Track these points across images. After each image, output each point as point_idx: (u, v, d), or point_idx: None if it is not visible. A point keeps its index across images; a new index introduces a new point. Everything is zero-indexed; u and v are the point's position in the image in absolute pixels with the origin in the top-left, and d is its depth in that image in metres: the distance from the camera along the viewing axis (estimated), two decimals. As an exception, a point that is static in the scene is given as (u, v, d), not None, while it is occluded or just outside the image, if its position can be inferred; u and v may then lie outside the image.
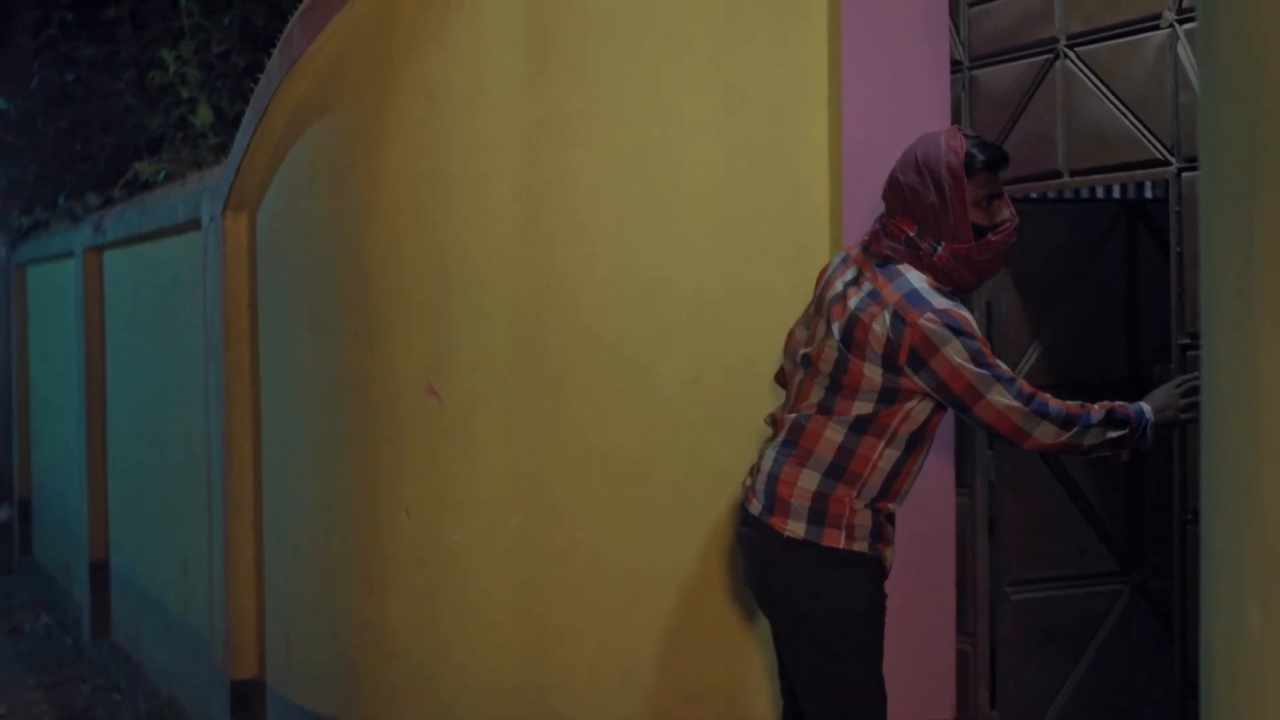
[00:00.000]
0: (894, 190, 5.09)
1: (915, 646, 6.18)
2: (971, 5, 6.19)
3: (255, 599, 7.70)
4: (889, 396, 4.92)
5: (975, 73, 6.18)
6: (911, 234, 4.99)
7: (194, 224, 8.42)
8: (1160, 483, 6.22)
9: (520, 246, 5.99)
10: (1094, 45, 5.69)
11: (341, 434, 6.56)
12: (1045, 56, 5.88)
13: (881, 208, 5.21)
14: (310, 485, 6.91)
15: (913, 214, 4.99)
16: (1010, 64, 6.04)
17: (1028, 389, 4.88)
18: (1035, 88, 5.92)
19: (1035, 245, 6.27)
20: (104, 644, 10.99)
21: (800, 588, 5.06)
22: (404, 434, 6.19)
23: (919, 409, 4.98)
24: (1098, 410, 4.90)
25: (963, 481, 6.23)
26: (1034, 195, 6.25)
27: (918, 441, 5.04)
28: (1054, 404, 4.88)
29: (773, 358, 5.98)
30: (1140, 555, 6.51)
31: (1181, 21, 5.34)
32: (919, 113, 6.13)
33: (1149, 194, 7.67)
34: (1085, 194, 7.19)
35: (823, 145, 6.08)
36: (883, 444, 4.98)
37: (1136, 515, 6.51)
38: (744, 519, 5.23)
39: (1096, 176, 5.77)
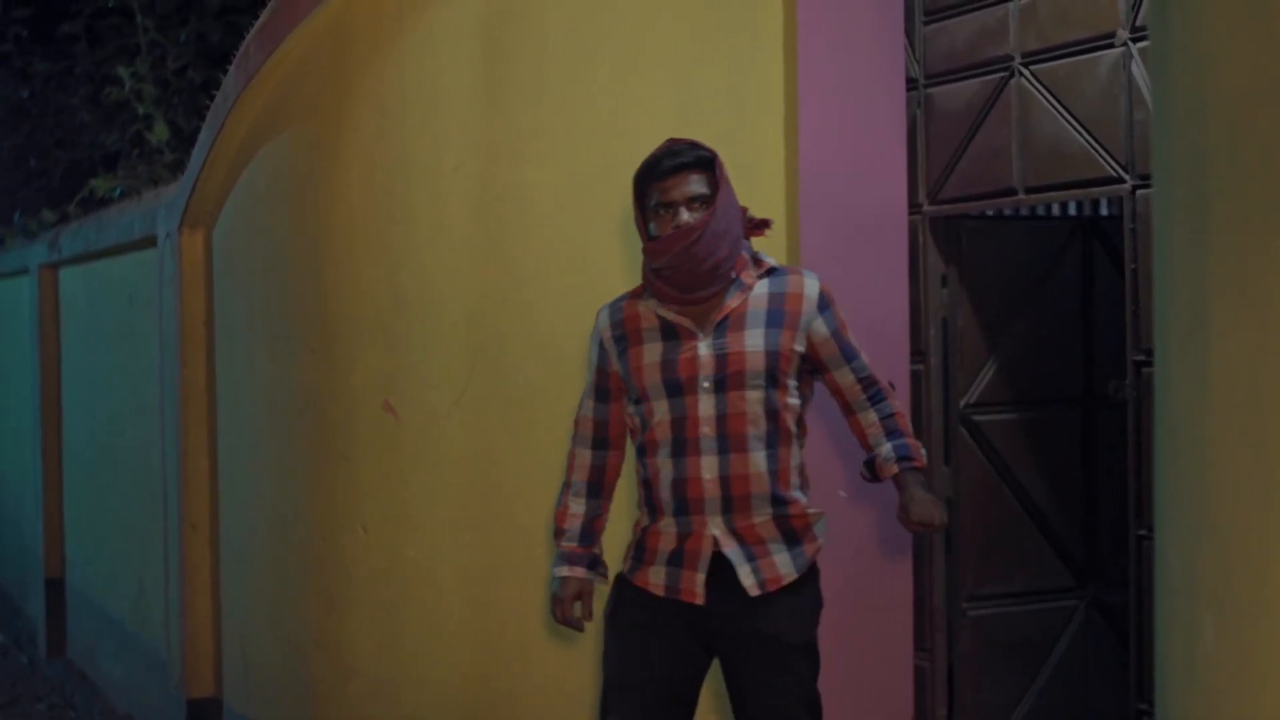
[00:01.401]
0: None
1: (873, 662, 6.19)
2: (927, 23, 6.21)
3: (212, 617, 7.68)
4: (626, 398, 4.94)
5: (931, 90, 6.20)
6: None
7: (150, 241, 8.40)
8: (1115, 497, 6.25)
9: (477, 262, 5.98)
10: (1049, 63, 5.71)
11: (298, 451, 6.55)
12: (1000, 74, 5.90)
13: (834, 222, 5.22)
14: (267, 502, 6.90)
15: None
16: (965, 81, 6.05)
17: (576, 444, 4.99)
18: (990, 105, 5.94)
19: (991, 262, 6.29)
20: (59, 662, 10.93)
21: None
22: (360, 450, 6.18)
23: (631, 409, 4.90)
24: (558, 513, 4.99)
25: (919, 497, 6.24)
26: (989, 212, 6.27)
27: (647, 446, 4.84)
28: (570, 471, 5.00)
29: (730, 374, 5.99)
30: (1096, 570, 6.53)
31: (1135, 40, 5.37)
32: (874, 130, 6.14)
33: (1104, 211, 7.70)
34: (1041, 211, 7.22)
35: (779, 163, 6.08)
36: (636, 452, 4.94)
37: (1092, 530, 6.53)
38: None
39: (1052, 194, 5.78)
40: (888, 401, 4.82)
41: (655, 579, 4.80)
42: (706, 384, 4.69)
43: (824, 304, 4.78)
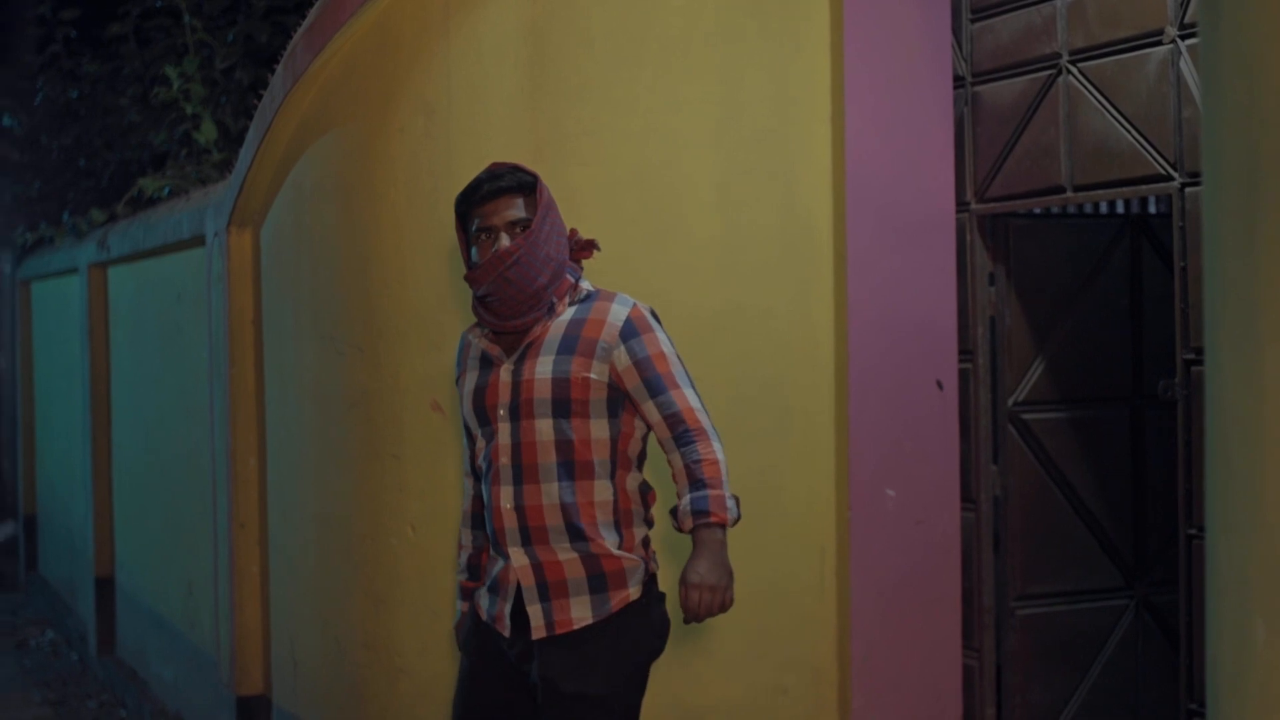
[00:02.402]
0: None
1: (921, 661, 6.18)
2: (974, 20, 6.19)
3: (260, 615, 7.70)
4: None
5: (978, 88, 6.18)
6: None
7: (198, 240, 8.43)
8: (1165, 496, 6.23)
9: (524, 263, 5.99)
10: (1097, 60, 5.69)
11: (346, 450, 6.57)
12: (1048, 72, 5.88)
13: (881, 222, 5.20)
14: (315, 502, 6.92)
15: None
16: (1013, 79, 6.04)
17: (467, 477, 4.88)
18: (1038, 103, 5.93)
19: (1039, 260, 6.28)
20: (109, 660, 10.99)
21: None
22: (408, 450, 6.19)
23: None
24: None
25: (967, 497, 6.23)
26: (1037, 210, 6.26)
27: (476, 473, 4.78)
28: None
29: (773, 376, 6.00)
30: (1145, 570, 6.51)
31: (1184, 37, 5.34)
32: (921, 129, 6.13)
33: (1152, 209, 7.68)
34: (1089, 209, 7.20)
35: (825, 162, 6.08)
36: None
37: (1141, 530, 6.51)
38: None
39: (1100, 192, 5.76)
40: (696, 445, 4.46)
41: (480, 602, 4.73)
42: (503, 412, 4.58)
43: (630, 331, 4.55)
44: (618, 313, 4.57)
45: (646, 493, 4.65)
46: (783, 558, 6.08)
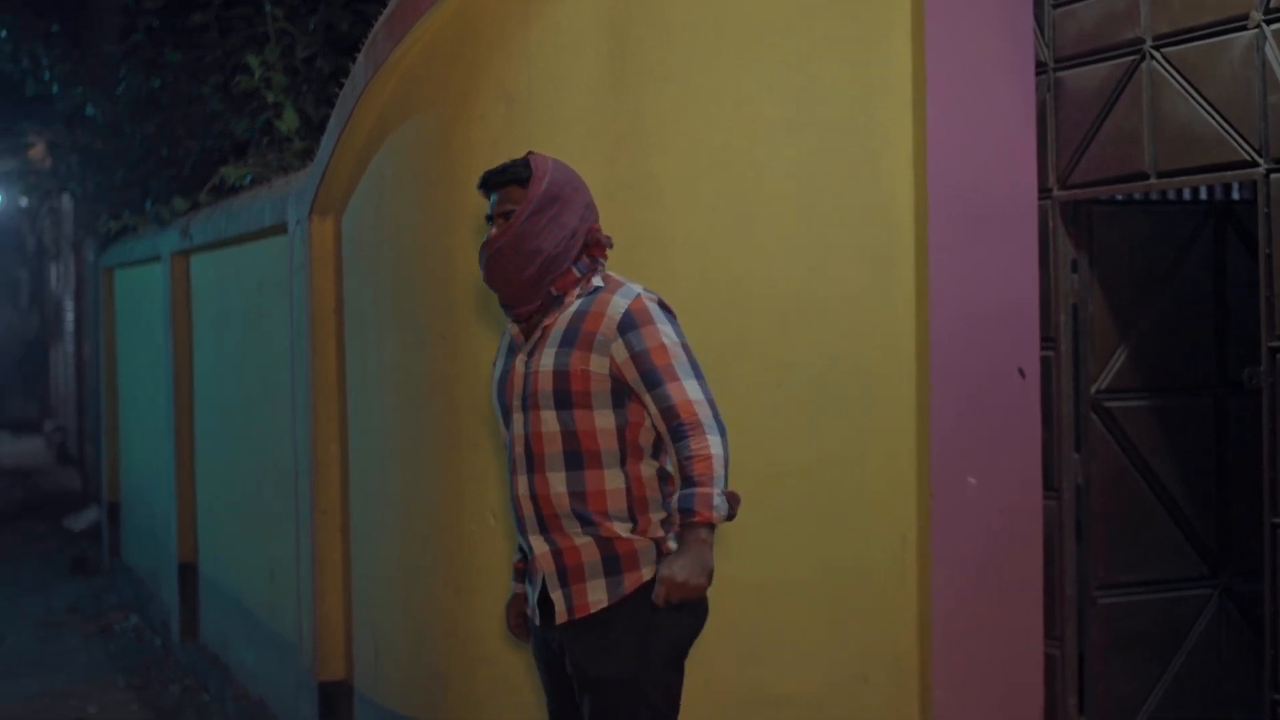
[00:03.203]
0: None
1: (1003, 650, 6.16)
2: (1056, 6, 6.16)
3: (342, 602, 7.74)
4: None
5: (1060, 74, 6.15)
6: None
7: (280, 228, 8.47)
8: (1249, 485, 6.18)
9: (602, 251, 6.00)
10: (1180, 46, 5.65)
11: (427, 438, 6.59)
12: (1131, 57, 5.84)
13: (963, 209, 5.17)
14: (396, 489, 6.94)
15: None
16: (1096, 65, 6.00)
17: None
18: (1121, 89, 5.89)
19: (1122, 247, 6.24)
20: (192, 646, 11.07)
21: None
22: (490, 438, 6.21)
23: None
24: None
25: (1049, 485, 6.20)
26: (1119, 197, 6.22)
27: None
28: None
29: (854, 364, 5.99)
30: (1229, 558, 6.46)
31: (1269, 21, 5.30)
32: (1003, 114, 6.10)
33: (1236, 195, 7.61)
34: (1172, 196, 7.14)
35: (906, 148, 6.06)
36: None
37: (1225, 518, 6.46)
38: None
39: (1183, 178, 5.72)
40: (689, 440, 4.43)
41: (529, 599, 4.78)
42: (517, 402, 4.67)
43: (628, 323, 4.54)
44: (617, 305, 4.58)
45: (665, 479, 4.66)
46: (864, 546, 6.07)
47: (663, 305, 4.65)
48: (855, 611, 6.09)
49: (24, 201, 28.07)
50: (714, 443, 4.44)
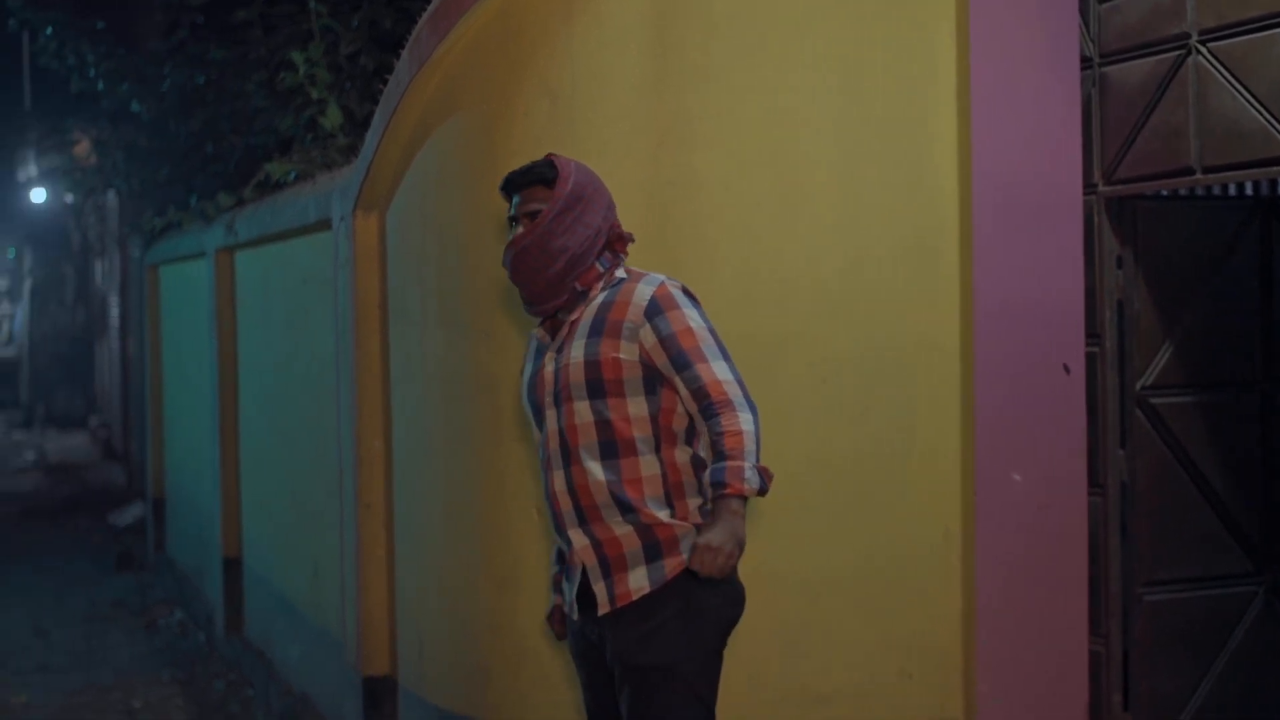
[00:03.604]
0: None
1: (1047, 647, 6.14)
2: (1101, 1, 6.14)
3: (386, 597, 7.75)
4: None
5: (1105, 69, 6.13)
6: None
7: (324, 224, 8.49)
8: (1296, 482, 6.16)
9: (645, 246, 5.99)
10: (1227, 40, 5.63)
11: (471, 433, 6.60)
12: (1177, 52, 5.82)
13: (1008, 204, 5.16)
14: (440, 484, 6.96)
15: None
16: (1141, 60, 5.98)
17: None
18: (1166, 84, 5.87)
19: (1167, 243, 6.22)
20: (236, 640, 11.10)
21: None
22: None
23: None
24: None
25: (1094, 482, 6.18)
26: (1165, 193, 6.19)
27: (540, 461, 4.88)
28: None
29: (898, 359, 5.98)
30: (1274, 555, 6.44)
31: (1317, 16, 5.28)
32: (1048, 111, 6.09)
33: (1283, 190, 7.58)
34: (1218, 191, 7.11)
35: (951, 143, 6.05)
36: None
37: (1270, 514, 6.44)
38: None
39: (1229, 173, 5.70)
40: (720, 417, 4.50)
41: (566, 597, 4.83)
42: (549, 399, 4.74)
43: (655, 309, 4.62)
44: (643, 292, 4.66)
45: (700, 466, 4.70)
46: (907, 541, 6.06)
47: (686, 291, 4.73)
48: (898, 607, 6.08)
49: (69, 198, 28.20)
50: (745, 419, 4.50)
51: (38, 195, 32.78)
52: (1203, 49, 5.71)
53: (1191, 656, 6.31)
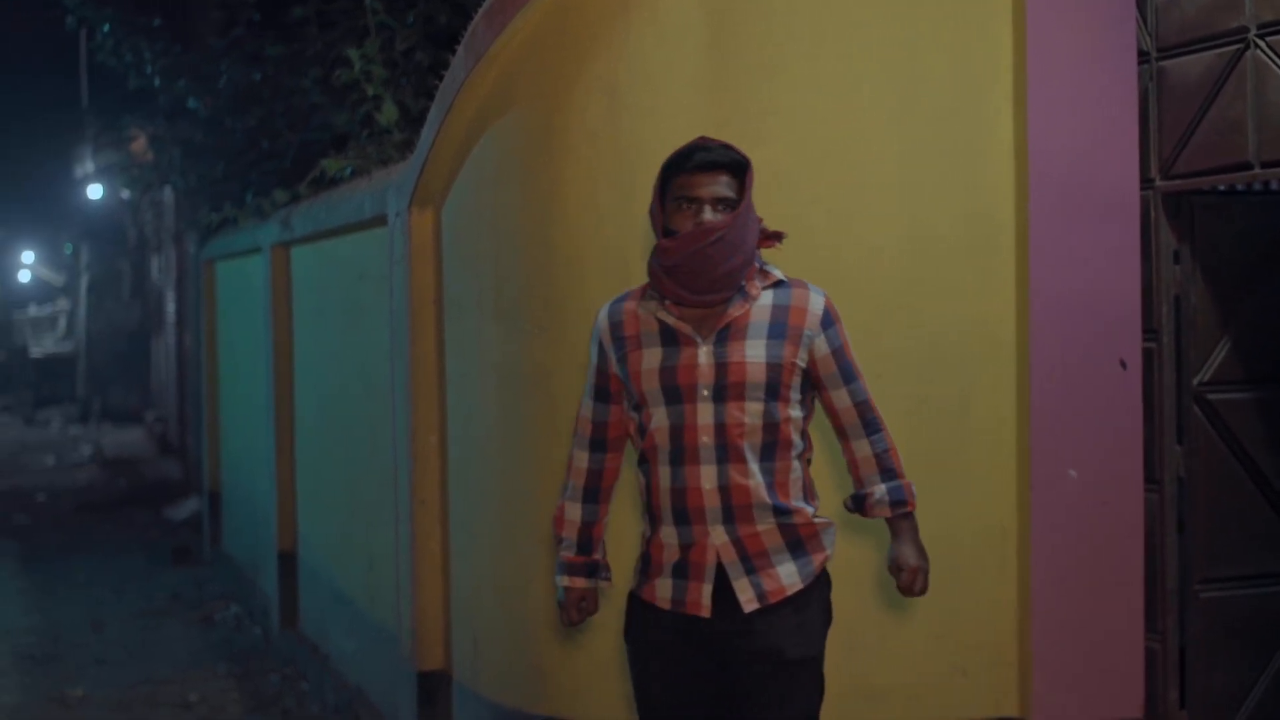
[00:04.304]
0: None
1: (1103, 644, 6.13)
2: (1159, -5, 6.12)
3: (441, 592, 7.77)
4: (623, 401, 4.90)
5: (1163, 63, 6.10)
6: None
7: (380, 220, 8.51)
8: (1355, 479, 6.12)
9: (703, 242, 6.01)
10: (1286, 35, 5.61)
11: (527, 429, 6.61)
12: (1235, 46, 5.79)
13: (1064, 199, 5.14)
14: (495, 479, 6.97)
15: None
16: (1199, 54, 5.95)
17: (576, 449, 4.95)
18: (1225, 78, 5.84)
19: (1225, 238, 6.19)
20: (292, 635, 11.14)
21: None
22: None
23: (630, 413, 4.85)
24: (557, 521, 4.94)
25: (1151, 478, 6.16)
26: (1222, 188, 6.17)
27: (646, 453, 4.77)
28: (567, 473, 4.99)
29: (954, 354, 5.97)
30: (1333, 553, 6.40)
31: (1377, 10, 5.25)
32: (1105, 106, 6.07)
33: (1342, 185, 7.54)
34: (1275, 186, 7.08)
35: (1007, 140, 6.04)
36: (636, 461, 4.86)
37: (1330, 512, 6.41)
38: None
39: (1288, 168, 5.68)
40: (883, 434, 4.74)
41: (662, 592, 4.75)
42: (705, 392, 4.63)
43: (828, 320, 4.70)
44: (816, 301, 4.71)
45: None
46: (963, 538, 6.06)
47: None
48: (953, 603, 6.07)
49: (126, 195, 28.33)
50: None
51: (94, 192, 32.96)
52: (1261, 43, 5.69)
53: (1248, 653, 6.28)
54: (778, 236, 4.85)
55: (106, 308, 36.02)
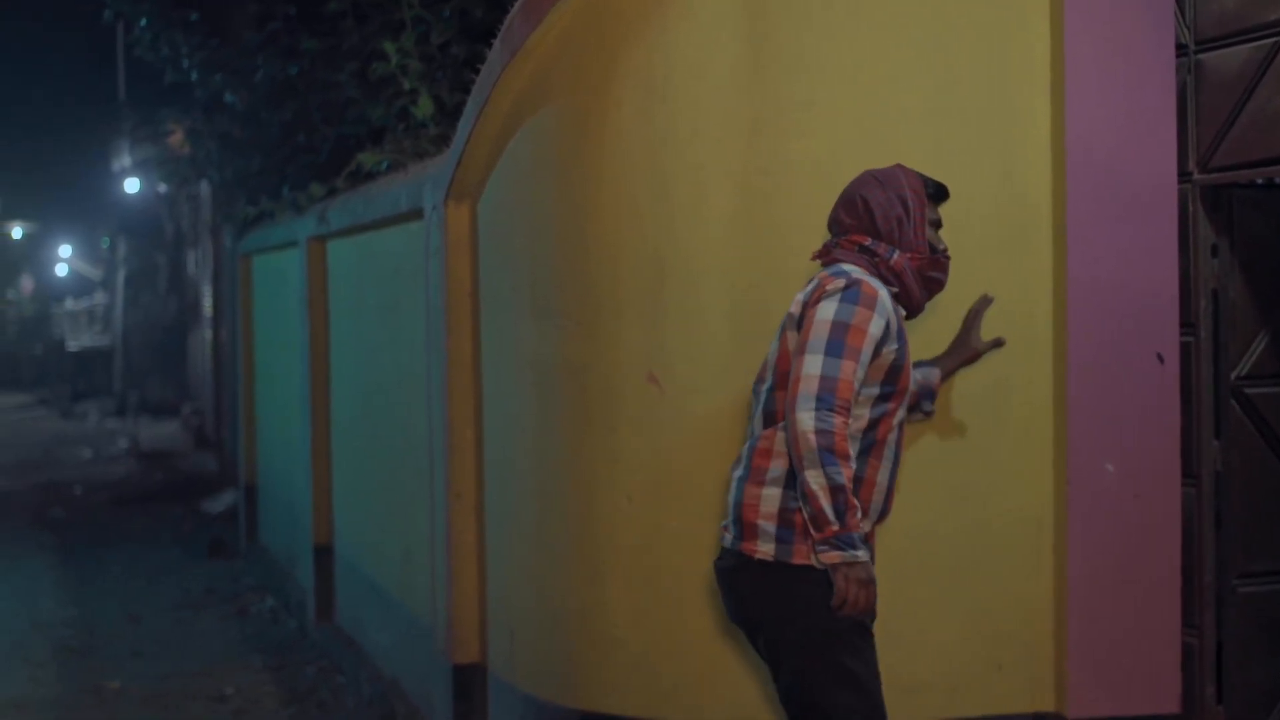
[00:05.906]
0: (849, 209, 5.13)
1: (1140, 639, 6.11)
2: (1197, -12, 6.10)
3: (477, 585, 7.78)
4: None
5: (1201, 56, 6.08)
6: (866, 243, 5.04)
7: (416, 213, 8.52)
8: (1394, 474, 6.09)
9: (740, 236, 6.00)
10: (1327, 27, 5.58)
11: (562, 422, 6.61)
12: (1274, 38, 5.77)
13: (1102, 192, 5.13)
14: (531, 472, 6.97)
15: (872, 228, 5.05)
16: (1238, 46, 5.93)
17: (840, 414, 4.69)
18: (1264, 70, 5.81)
19: (1264, 232, 6.17)
20: (327, 627, 11.17)
21: (773, 610, 4.92)
22: (623, 422, 6.23)
23: (859, 406, 4.85)
24: (844, 488, 4.67)
25: (1188, 472, 6.14)
26: (1261, 181, 6.14)
27: (870, 447, 4.84)
28: (841, 440, 4.68)
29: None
30: (1372, 548, 6.37)
31: None
32: (1143, 99, 6.05)
33: (1381, 178, 7.50)
34: (1315, 179, 7.05)
35: (1044, 134, 6.03)
36: (858, 450, 4.89)
37: (1368, 507, 6.37)
38: (720, 554, 5.16)
39: (1328, 162, 5.65)
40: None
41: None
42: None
43: None
44: None
45: None
46: (999, 532, 6.05)
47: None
48: (989, 597, 6.07)
49: (163, 188, 28.44)
50: (801, 418, 4.82)
51: (131, 185, 33.12)
52: (1300, 36, 5.67)
53: (1287, 649, 6.26)
54: None
55: (143, 301, 36.17)
